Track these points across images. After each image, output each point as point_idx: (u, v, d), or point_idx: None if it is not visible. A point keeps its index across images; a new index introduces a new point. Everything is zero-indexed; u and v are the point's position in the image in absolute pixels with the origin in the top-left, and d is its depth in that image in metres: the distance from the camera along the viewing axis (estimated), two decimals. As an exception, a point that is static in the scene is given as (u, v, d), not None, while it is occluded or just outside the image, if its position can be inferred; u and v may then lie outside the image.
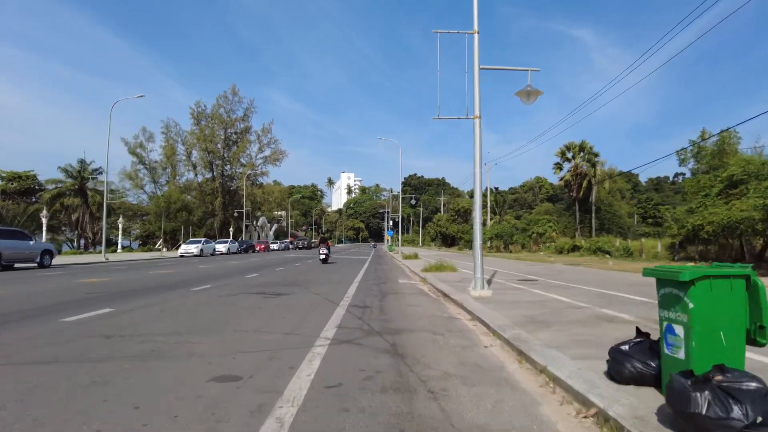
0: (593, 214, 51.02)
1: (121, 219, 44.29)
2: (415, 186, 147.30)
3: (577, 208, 52.11)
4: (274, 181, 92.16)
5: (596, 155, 51.11)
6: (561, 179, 52.88)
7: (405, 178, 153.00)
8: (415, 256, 29.26)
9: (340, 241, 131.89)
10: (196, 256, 34.52)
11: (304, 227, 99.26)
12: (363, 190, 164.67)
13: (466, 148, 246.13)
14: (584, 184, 50.72)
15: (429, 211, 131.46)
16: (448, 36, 11.04)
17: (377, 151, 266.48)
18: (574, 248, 33.21)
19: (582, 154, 52.60)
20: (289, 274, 15.99)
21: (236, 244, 43.41)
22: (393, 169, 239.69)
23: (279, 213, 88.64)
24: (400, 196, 37.15)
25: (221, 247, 40.23)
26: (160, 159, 67.45)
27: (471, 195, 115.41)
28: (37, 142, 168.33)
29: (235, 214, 59.86)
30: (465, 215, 74.08)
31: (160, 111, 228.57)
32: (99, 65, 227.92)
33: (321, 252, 23.55)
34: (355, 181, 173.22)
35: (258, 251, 50.20)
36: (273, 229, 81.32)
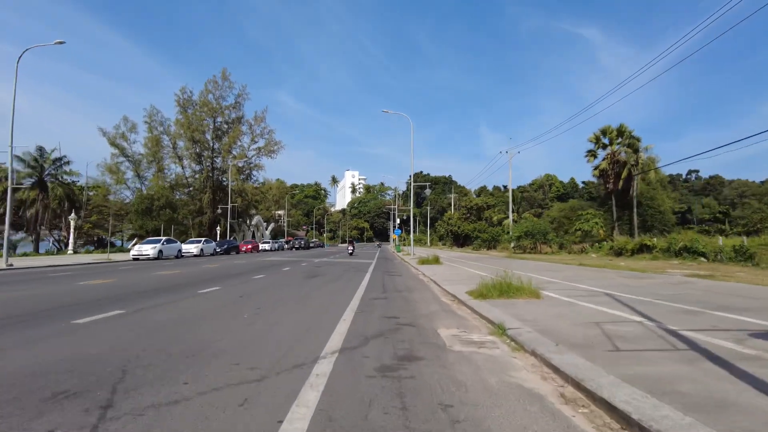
0: (635, 210, 42.31)
1: (73, 215, 36.11)
2: (420, 184, 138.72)
3: (614, 203, 43.39)
4: (277, 180, 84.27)
5: (638, 140, 42.41)
6: (596, 168, 44.08)
7: (410, 176, 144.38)
8: (436, 260, 20.80)
9: (343, 241, 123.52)
10: (153, 259, 26.30)
11: (304, 227, 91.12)
12: (368, 189, 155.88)
13: (472, 147, 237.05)
14: (624, 174, 42.02)
15: (435, 211, 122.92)
16: None
17: (383, 151, 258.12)
18: (642, 249, 24.57)
19: (620, 139, 43.94)
20: (202, 308, 7.50)
21: (213, 244, 35.12)
22: (398, 169, 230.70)
23: (278, 212, 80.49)
24: (412, 183, 28.57)
25: (191, 248, 31.94)
26: (145, 151, 59.72)
27: (479, 194, 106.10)
28: (36, 139, 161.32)
29: (218, 210, 51.61)
30: (478, 213, 65.51)
31: (168, 112, 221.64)
32: (109, 68, 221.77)
33: (349, 249, 34.37)
34: (359, 179, 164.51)
35: (245, 252, 41.93)
36: (270, 228, 73.07)
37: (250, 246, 43.06)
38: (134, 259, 26.38)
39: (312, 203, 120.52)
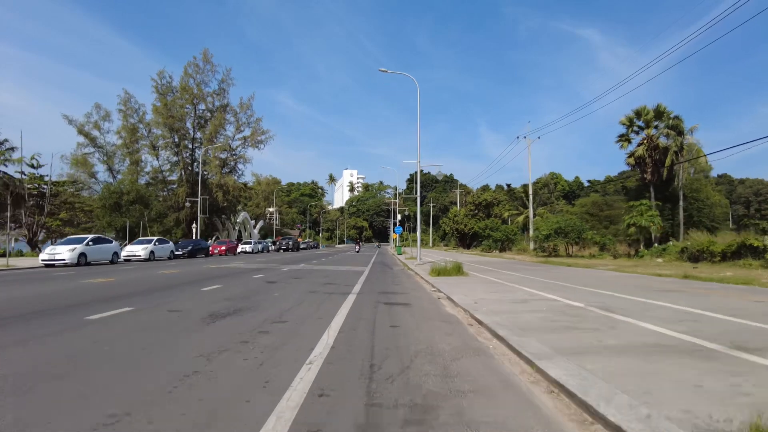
0: (681, 203, 34.95)
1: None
2: (421, 183, 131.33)
3: (652, 195, 36.01)
4: (270, 175, 76.79)
5: (681, 121, 35.04)
6: (630, 156, 36.65)
7: (411, 174, 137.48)
8: (458, 270, 13.46)
9: (341, 241, 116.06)
10: (72, 265, 18.98)
11: (299, 225, 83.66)
12: (366, 187, 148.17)
13: (472, 147, 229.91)
14: (667, 161, 34.70)
15: (437, 209, 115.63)
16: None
17: (383, 151, 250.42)
18: (740, 252, 17.23)
19: (657, 122, 36.68)
20: None
21: (170, 245, 27.66)
22: (398, 169, 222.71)
23: (269, 210, 72.98)
24: (419, 167, 21.12)
25: (138, 250, 24.48)
26: (119, 142, 52.55)
27: (485, 189, 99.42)
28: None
29: (187, 203, 44.33)
30: (487, 209, 58.21)
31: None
32: (106, 68, 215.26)
33: (356, 248, 45.70)
34: (358, 178, 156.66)
35: (218, 255, 34.57)
36: (258, 227, 65.62)
37: (224, 247, 35.55)
38: (46, 266, 19.08)
39: (308, 201, 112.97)
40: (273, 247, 49.44)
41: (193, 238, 41.52)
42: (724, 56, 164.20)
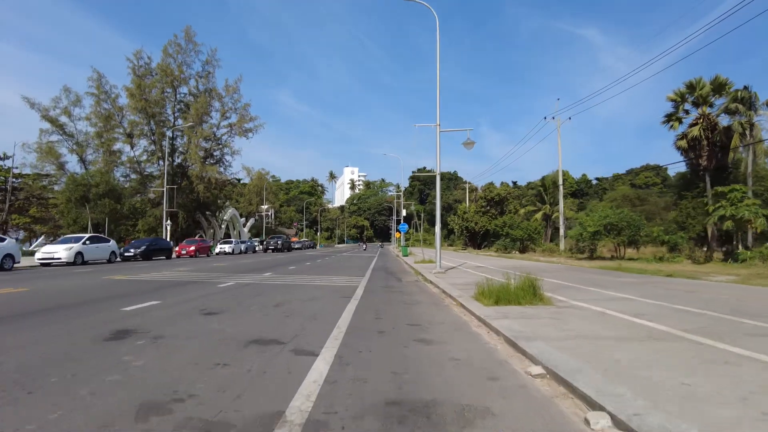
0: (750, 194, 28.01)
1: None
2: (424, 180, 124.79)
3: (708, 184, 29.14)
4: (262, 169, 70.17)
5: (751, 94, 28.10)
6: (681, 138, 29.64)
7: (413, 172, 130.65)
8: (533, 293, 6.69)
9: (341, 241, 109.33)
10: None
11: (296, 224, 77.05)
12: (367, 185, 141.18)
13: (473, 147, 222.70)
14: (733, 143, 27.78)
15: (440, 208, 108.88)
16: None
17: (384, 150, 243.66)
18: None
19: (713, 97, 29.77)
20: None
21: (109, 244, 20.90)
22: (399, 169, 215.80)
23: (263, 207, 66.30)
24: (438, 130, 14.34)
25: (58, 252, 17.72)
26: (92, 131, 45.98)
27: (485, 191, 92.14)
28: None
29: (151, 195, 37.67)
30: (501, 205, 51.40)
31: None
32: (105, 67, 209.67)
33: (362, 246, 54.76)
34: (359, 176, 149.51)
35: (187, 256, 27.81)
36: (249, 224, 58.89)
37: (192, 248, 28.52)
38: None
39: (307, 199, 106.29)
40: (260, 247, 42.69)
41: (90, 235, 34.69)
42: (727, 53, 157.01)
